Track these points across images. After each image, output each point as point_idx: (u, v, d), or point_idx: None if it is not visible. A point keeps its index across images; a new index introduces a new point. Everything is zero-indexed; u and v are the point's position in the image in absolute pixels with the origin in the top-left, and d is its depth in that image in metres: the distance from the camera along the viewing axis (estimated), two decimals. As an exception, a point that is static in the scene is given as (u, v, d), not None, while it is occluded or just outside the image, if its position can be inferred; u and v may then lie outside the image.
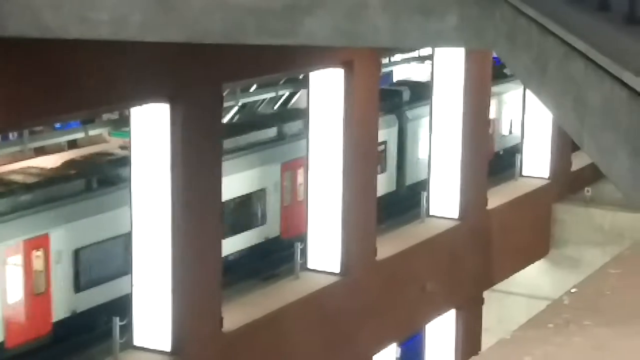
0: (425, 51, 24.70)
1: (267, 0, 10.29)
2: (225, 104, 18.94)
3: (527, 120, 25.49)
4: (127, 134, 16.10)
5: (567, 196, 25.25)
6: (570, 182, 25.50)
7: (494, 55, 21.11)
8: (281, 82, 21.41)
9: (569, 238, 24.79)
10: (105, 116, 21.01)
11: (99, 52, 13.47)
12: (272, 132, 20.42)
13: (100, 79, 13.98)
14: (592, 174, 23.21)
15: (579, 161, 24.72)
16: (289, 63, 17.28)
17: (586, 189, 25.01)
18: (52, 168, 17.59)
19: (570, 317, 2.54)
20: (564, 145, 24.63)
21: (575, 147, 21.97)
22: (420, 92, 23.18)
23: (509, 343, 2.43)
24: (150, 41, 11.23)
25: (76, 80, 13.61)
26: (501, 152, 26.03)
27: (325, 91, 18.57)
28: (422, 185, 22.14)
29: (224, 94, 16.95)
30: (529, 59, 8.88)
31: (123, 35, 10.94)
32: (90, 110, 15.57)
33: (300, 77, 20.49)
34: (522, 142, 25.61)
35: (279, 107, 24.40)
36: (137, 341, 15.74)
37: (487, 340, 22.11)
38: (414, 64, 27.00)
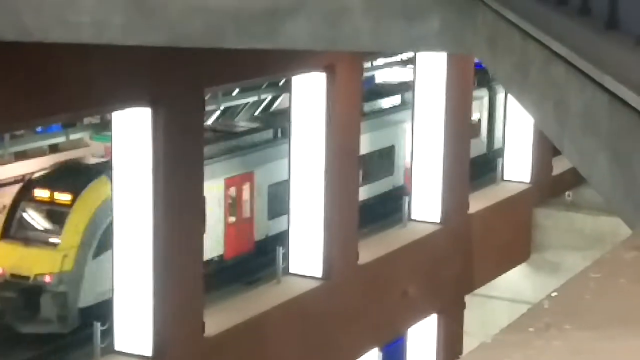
0: (408, 55, 24.72)
1: (248, 4, 10.27)
2: (207, 108, 18.91)
3: (509, 125, 25.54)
4: (109, 138, 16.06)
5: (548, 200, 25.31)
6: (551, 186, 25.56)
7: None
8: (263, 86, 21.39)
9: (549, 242, 24.85)
10: (87, 120, 20.94)
11: (79, 56, 13.43)
12: (396, 99, 24.18)
13: (81, 82, 13.94)
14: (573, 179, 23.26)
15: (559, 165, 24.77)
16: (270, 67, 17.27)
17: (567, 193, 25.07)
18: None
19: (550, 321, 2.54)
20: (545, 149, 24.68)
21: (556, 152, 22.01)
22: None
23: (489, 347, 2.43)
24: (131, 45, 11.20)
25: (57, 83, 13.56)
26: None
27: (308, 95, 18.57)
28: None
29: (206, 98, 16.93)
30: (510, 63, 8.90)
31: (104, 39, 10.92)
32: (71, 114, 15.51)
33: (282, 81, 20.47)
34: (503, 147, 25.66)
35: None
36: (118, 346, 15.67)
37: (469, 344, 22.14)
38: (396, 67, 27.02)
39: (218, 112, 23.31)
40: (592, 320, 2.10)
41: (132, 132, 15.30)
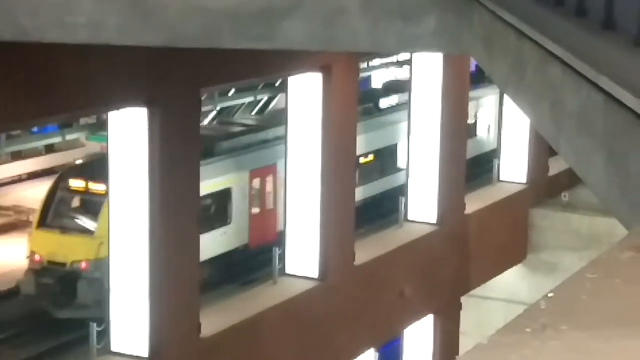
0: (404, 56, 24.73)
1: (244, 4, 10.27)
2: (203, 108, 18.91)
3: (505, 125, 25.55)
4: (105, 138, 16.05)
5: (544, 201, 25.32)
6: (548, 187, 25.57)
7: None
8: (259, 86, 21.40)
9: (546, 243, 24.86)
10: (83, 120, 20.94)
11: (76, 56, 13.42)
12: None
13: (77, 83, 13.94)
14: (569, 179, 23.29)
15: (556, 166, 24.79)
16: (267, 68, 17.27)
17: (563, 194, 25.09)
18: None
19: (547, 322, 2.54)
20: (541, 150, 24.70)
21: (552, 152, 22.03)
22: None
23: (485, 348, 2.43)
24: (128, 45, 11.20)
25: (54, 84, 13.55)
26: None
27: (304, 96, 18.56)
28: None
29: (202, 98, 16.92)
30: (506, 64, 8.90)
31: (100, 40, 10.92)
32: (68, 114, 15.50)
33: (278, 81, 20.48)
34: (499, 147, 25.67)
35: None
36: (115, 346, 15.67)
37: (465, 344, 22.13)
38: (392, 68, 27.05)
39: (214, 112, 23.32)
40: (589, 320, 2.10)
41: (128, 132, 15.30)
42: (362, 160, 21.86)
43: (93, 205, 17.07)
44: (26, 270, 17.19)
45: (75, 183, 17.37)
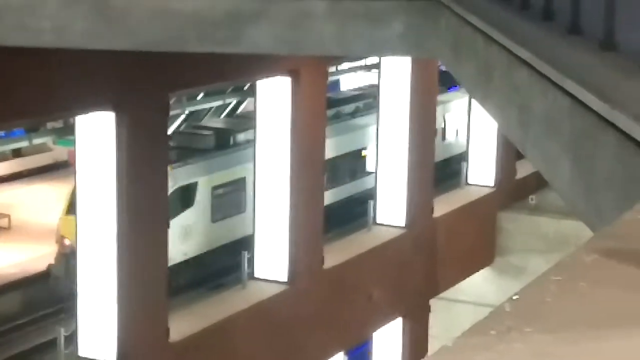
0: (372, 60, 24.78)
1: (210, 8, 10.25)
2: (172, 113, 18.85)
3: (473, 129, 25.65)
4: (72, 143, 15.98)
5: (512, 204, 25.44)
6: (515, 190, 25.70)
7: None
8: (228, 90, 21.36)
9: (514, 246, 24.97)
10: (50, 124, 20.83)
11: (42, 60, 13.34)
12: None
13: (43, 87, 13.85)
14: (537, 182, 23.42)
15: (523, 169, 24.92)
16: (235, 71, 17.24)
17: (530, 197, 25.21)
18: None
19: (511, 324, 2.53)
20: (509, 153, 24.82)
21: (520, 156, 22.14)
22: None
23: (450, 350, 2.41)
24: (94, 49, 11.14)
25: (19, 88, 13.46)
26: None
27: (272, 100, 18.55)
28: None
29: (170, 102, 16.87)
30: (473, 68, 8.93)
31: (65, 44, 10.86)
32: (34, 118, 15.41)
33: (247, 85, 20.46)
34: (467, 151, 25.76)
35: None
36: (82, 351, 15.58)
37: (434, 347, 22.14)
38: (360, 72, 27.10)
39: (183, 117, 23.25)
40: (553, 323, 2.10)
41: (96, 136, 15.22)
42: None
43: None
44: (56, 254, 18.63)
45: None
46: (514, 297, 2.24)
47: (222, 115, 24.34)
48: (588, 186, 5.45)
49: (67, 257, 17.95)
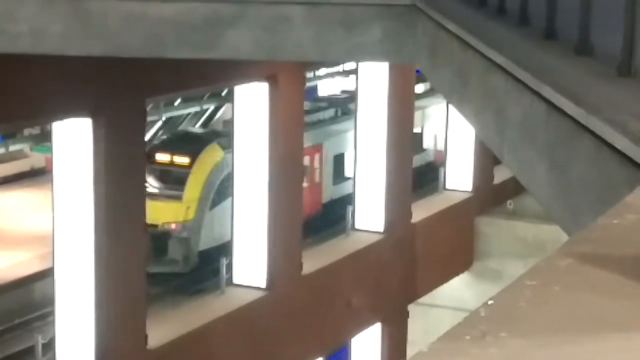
0: (350, 65, 24.80)
1: (188, 13, 10.24)
2: (149, 119, 18.80)
3: (450, 134, 25.72)
4: (49, 149, 15.92)
5: (489, 209, 25.51)
6: (493, 195, 25.77)
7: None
8: (205, 96, 21.33)
9: (492, 251, 25.04)
10: (27, 131, 20.74)
11: (18, 66, 13.28)
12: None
13: (19, 93, 13.78)
14: (514, 187, 23.49)
15: (501, 174, 25.00)
16: (212, 77, 17.22)
17: (508, 202, 25.29)
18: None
19: (486, 329, 2.54)
20: (486, 158, 24.89)
21: (497, 161, 22.21)
22: None
23: (426, 355, 2.41)
24: (70, 55, 11.11)
25: (-5, 94, 13.39)
26: None
27: (250, 105, 18.54)
28: None
29: (148, 108, 16.83)
30: (450, 73, 8.96)
31: (42, 49, 10.82)
32: (9, 124, 15.33)
33: (225, 91, 20.43)
34: (445, 156, 25.81)
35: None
36: (60, 359, 15.50)
37: (413, 353, 22.19)
38: (338, 78, 27.11)
39: (160, 123, 23.19)
40: (528, 327, 2.11)
41: (73, 143, 15.16)
42: None
43: (178, 175, 19.82)
44: None
45: (161, 157, 20.01)
46: (489, 302, 2.25)
47: (200, 121, 24.30)
48: (564, 191, 5.47)
49: None
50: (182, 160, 19.82)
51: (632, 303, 2.27)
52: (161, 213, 19.28)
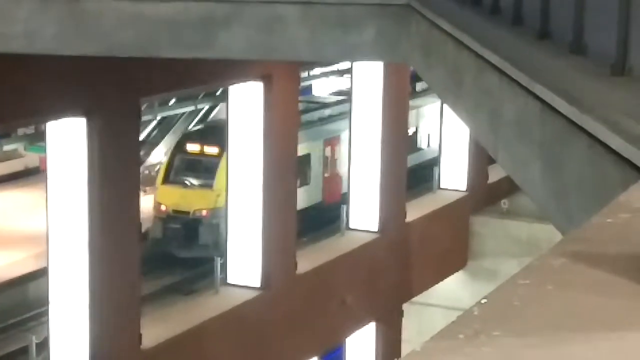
0: (344, 65, 24.82)
1: (182, 13, 10.23)
2: (143, 118, 18.80)
3: (445, 134, 25.72)
4: (43, 149, 15.91)
5: (484, 208, 25.52)
6: (487, 194, 25.78)
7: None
8: (200, 95, 21.34)
9: (486, 250, 25.05)
10: (22, 131, 20.72)
11: (13, 66, 13.26)
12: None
13: (14, 92, 13.77)
14: (509, 186, 23.49)
15: (495, 174, 25.01)
16: (207, 77, 17.21)
17: (503, 201, 25.30)
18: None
19: (479, 328, 2.54)
20: (481, 158, 24.90)
21: (491, 160, 22.20)
22: None
23: (419, 355, 2.41)
24: (65, 55, 11.10)
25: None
26: None
27: (245, 105, 18.53)
28: None
29: (142, 108, 16.82)
30: (444, 72, 8.96)
31: (36, 49, 10.81)
32: (5, 124, 15.31)
33: (219, 91, 20.44)
34: (439, 155, 25.82)
35: None
36: (54, 359, 15.49)
37: (408, 352, 22.20)
38: (332, 77, 27.14)
39: (154, 122, 23.20)
40: (521, 326, 2.12)
41: (67, 142, 15.15)
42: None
43: (208, 164, 20.79)
44: (153, 218, 20.65)
45: (192, 147, 21.16)
46: (483, 301, 2.26)
47: (195, 122, 24.30)
48: (558, 190, 5.48)
49: (164, 221, 20.58)
50: (212, 150, 20.76)
51: (625, 302, 2.28)
52: (192, 200, 20.47)
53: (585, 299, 2.26)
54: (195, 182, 20.87)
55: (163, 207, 20.70)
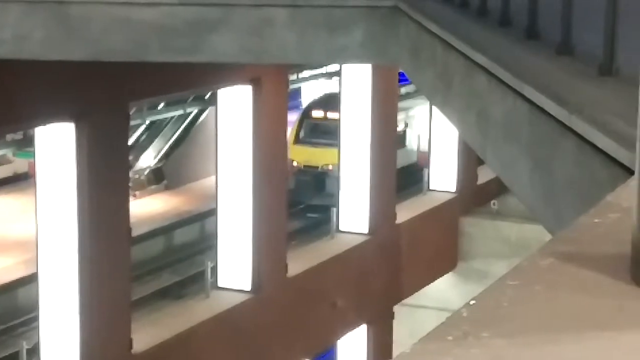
0: (333, 67, 24.84)
1: (171, 17, 10.23)
2: (132, 123, 18.78)
3: (434, 135, 25.74)
4: (32, 154, 15.87)
5: (473, 209, 25.56)
6: (477, 195, 25.82)
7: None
8: (189, 99, 21.33)
9: (476, 251, 25.08)
10: (10, 136, 20.67)
11: (0, 71, 13.23)
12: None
13: (1, 98, 13.74)
14: (498, 187, 23.53)
15: (484, 175, 25.04)
16: (196, 80, 17.20)
17: (492, 202, 25.33)
18: None
19: (468, 329, 2.54)
20: (470, 159, 24.93)
21: (481, 161, 22.24)
22: None
23: (408, 356, 2.41)
24: (53, 60, 11.09)
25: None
26: None
27: (234, 108, 18.52)
28: None
29: (131, 112, 16.80)
30: (433, 74, 8.98)
31: (24, 54, 10.79)
32: (-7, 130, 15.27)
33: (208, 94, 20.42)
34: (429, 157, 25.84)
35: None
36: (45, 364, 15.47)
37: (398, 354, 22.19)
38: (322, 80, 27.15)
39: (143, 127, 23.18)
40: (510, 327, 2.12)
41: (56, 147, 15.12)
42: None
43: (330, 127, 23.90)
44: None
45: (317, 113, 25.28)
46: (471, 302, 2.26)
47: (183, 125, 24.31)
48: (547, 190, 5.49)
49: (296, 174, 24.15)
50: (334, 115, 23.56)
51: (614, 302, 2.29)
52: (320, 157, 24.27)
53: (574, 299, 2.27)
54: (321, 142, 24.51)
55: (295, 163, 24.24)
